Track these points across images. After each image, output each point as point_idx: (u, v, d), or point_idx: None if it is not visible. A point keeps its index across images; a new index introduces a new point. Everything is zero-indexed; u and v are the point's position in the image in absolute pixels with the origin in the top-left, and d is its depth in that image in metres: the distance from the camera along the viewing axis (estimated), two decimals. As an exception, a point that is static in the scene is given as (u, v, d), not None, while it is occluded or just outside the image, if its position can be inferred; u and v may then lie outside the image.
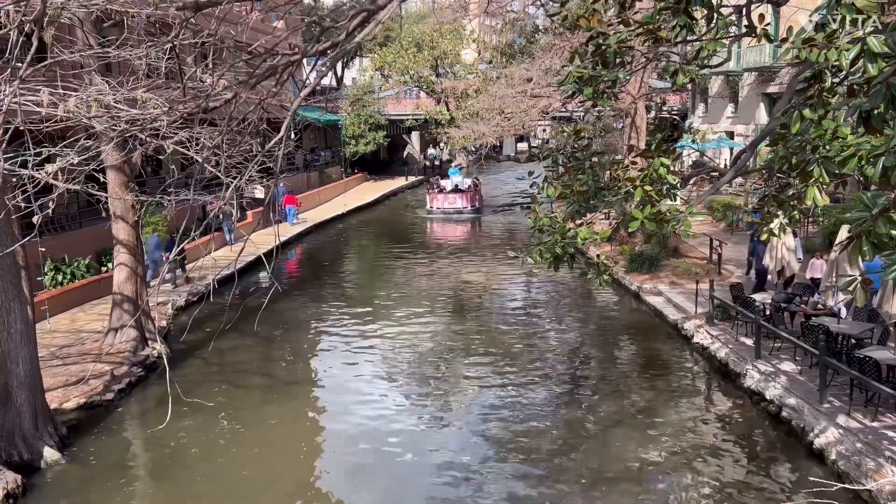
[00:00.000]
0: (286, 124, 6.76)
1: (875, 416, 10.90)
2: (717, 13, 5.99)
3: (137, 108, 8.18)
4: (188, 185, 9.68)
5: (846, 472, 9.88)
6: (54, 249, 19.53)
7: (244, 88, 7.42)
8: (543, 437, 12.10)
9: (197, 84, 8.99)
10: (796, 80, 6.43)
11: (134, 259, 16.03)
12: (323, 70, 7.75)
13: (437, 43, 48.71)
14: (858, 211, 4.32)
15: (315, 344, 17.73)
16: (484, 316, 20.09)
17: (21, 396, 11.44)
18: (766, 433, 11.99)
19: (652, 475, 10.75)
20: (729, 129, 36.78)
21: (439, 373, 15.31)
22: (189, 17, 7.46)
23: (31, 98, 8.00)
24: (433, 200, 39.31)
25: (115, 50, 10.39)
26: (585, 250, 23.11)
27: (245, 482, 10.99)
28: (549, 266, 7.32)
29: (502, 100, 31.76)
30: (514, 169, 54.85)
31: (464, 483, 10.71)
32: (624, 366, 15.83)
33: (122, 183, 15.30)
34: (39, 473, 11.06)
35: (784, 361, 13.57)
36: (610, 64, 6.39)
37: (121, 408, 13.55)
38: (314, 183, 42.97)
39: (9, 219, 10.91)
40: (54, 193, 7.66)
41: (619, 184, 7.23)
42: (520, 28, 39.59)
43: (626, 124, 25.65)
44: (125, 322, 15.67)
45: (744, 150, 7.46)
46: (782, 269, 16.27)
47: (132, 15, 12.86)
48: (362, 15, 6.89)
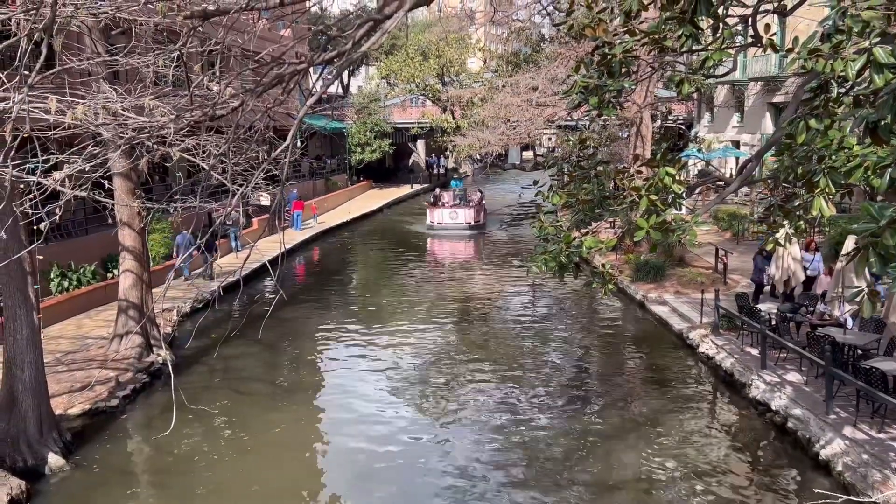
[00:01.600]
0: (292, 132, 6.78)
1: (881, 428, 10.84)
2: (722, 23, 6.01)
3: (145, 116, 8.21)
4: (194, 192, 9.71)
5: (852, 484, 9.82)
6: (61, 255, 19.60)
7: (251, 96, 7.45)
8: (547, 446, 12.06)
9: (204, 92, 9.02)
10: (802, 91, 6.44)
11: (140, 266, 16.06)
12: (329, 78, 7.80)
13: (443, 51, 48.88)
14: (865, 222, 4.31)
15: (319, 351, 17.73)
16: (489, 324, 20.06)
17: (26, 402, 11.46)
18: (772, 444, 11.93)
19: (656, 485, 10.70)
20: (735, 139, 36.76)
21: (443, 381, 15.28)
22: (197, 25, 7.51)
23: (40, 105, 8.04)
24: (433, 214, 36.22)
25: (123, 58, 10.44)
26: (590, 259, 23.10)
27: (249, 490, 10.97)
28: (553, 275, 7.33)
29: (507, 108, 31.76)
30: (518, 178, 54.82)
31: (467, 491, 10.67)
32: (628, 375, 15.78)
33: (128, 190, 15.36)
34: (44, 480, 11.06)
35: (790, 372, 13.51)
36: (615, 73, 6.41)
37: (125, 414, 13.56)
38: (320, 190, 43.06)
39: (16, 225, 10.95)
40: (61, 200, 7.69)
41: (624, 193, 7.23)
42: (525, 37, 39.56)
43: (632, 133, 25.64)
44: (130, 328, 15.69)
45: (749, 160, 7.47)
46: (788, 279, 16.22)
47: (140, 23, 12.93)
48: (369, 24, 6.92)
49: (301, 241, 31.55)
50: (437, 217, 35.83)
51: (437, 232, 35.31)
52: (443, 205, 36.69)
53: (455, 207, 36.17)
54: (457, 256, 31.37)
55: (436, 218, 35.86)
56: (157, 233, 23.02)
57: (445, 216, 35.69)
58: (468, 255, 31.85)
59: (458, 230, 35.24)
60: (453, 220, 35.53)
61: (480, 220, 36.14)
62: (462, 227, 35.36)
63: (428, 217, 36.31)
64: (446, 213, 35.69)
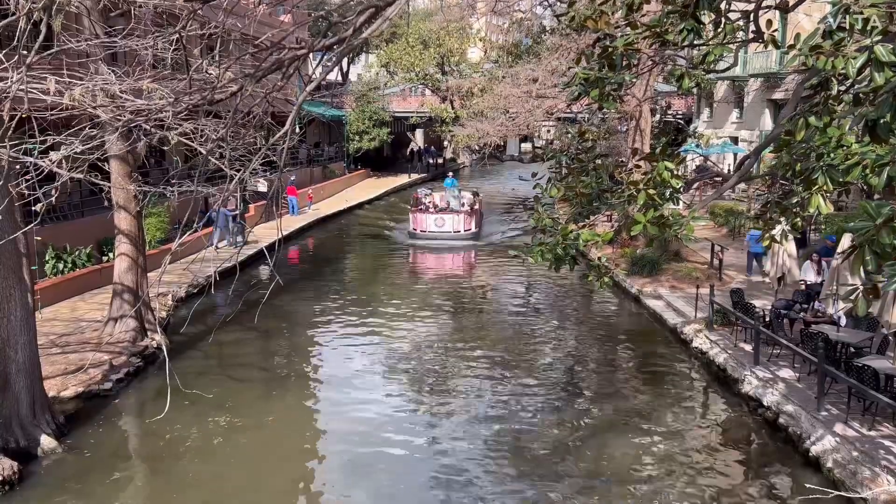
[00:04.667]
0: (291, 118, 6.77)
1: (872, 426, 10.90)
2: (724, 18, 5.99)
3: (143, 99, 8.19)
4: (191, 176, 9.69)
5: (842, 481, 9.88)
6: (56, 237, 19.55)
7: (250, 81, 7.43)
8: (540, 439, 12.11)
9: (203, 76, 8.98)
10: (802, 87, 6.44)
11: (135, 249, 16.02)
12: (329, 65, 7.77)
13: (444, 41, 48.71)
14: (862, 220, 4.32)
15: (315, 339, 17.74)
16: (484, 316, 20.09)
17: (19, 383, 11.45)
18: (763, 439, 11.99)
19: (647, 479, 10.75)
20: (733, 135, 36.77)
21: (437, 372, 15.31)
22: (196, 8, 7.47)
23: (37, 86, 8.01)
24: (418, 221, 30.17)
25: (122, 40, 10.39)
26: (587, 252, 23.13)
27: (241, 475, 11.00)
28: (549, 267, 7.33)
29: (507, 99, 31.73)
30: (514, 170, 54.73)
31: (459, 481, 10.71)
32: (622, 369, 15.83)
33: (125, 173, 15.31)
34: (36, 461, 11.07)
35: (783, 368, 13.57)
36: (616, 66, 6.39)
37: (119, 398, 13.56)
38: (317, 178, 42.99)
39: (12, 206, 10.92)
40: (58, 182, 7.66)
41: (622, 186, 7.23)
42: (526, 28, 39.41)
43: (631, 127, 25.64)
44: (125, 312, 15.67)
45: (748, 156, 7.47)
46: (782, 275, 16.26)
47: (139, 5, 12.86)
48: (370, 11, 6.89)
49: (297, 229, 31.53)
50: (421, 224, 30.12)
51: (419, 242, 29.74)
52: (427, 209, 30.96)
53: (442, 213, 30.44)
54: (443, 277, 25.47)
55: (419, 225, 30.14)
56: (153, 216, 22.98)
57: (431, 223, 29.96)
58: (457, 272, 26.79)
59: (446, 240, 29.56)
60: (441, 228, 29.86)
61: (474, 227, 30.34)
62: (451, 237, 29.74)
63: (410, 223, 30.54)
64: (431, 220, 30.01)
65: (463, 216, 30.05)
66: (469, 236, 29.89)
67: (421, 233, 29.89)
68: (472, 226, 30.11)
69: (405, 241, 30.12)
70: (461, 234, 29.82)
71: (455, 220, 29.90)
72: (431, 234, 29.66)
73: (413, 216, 30.48)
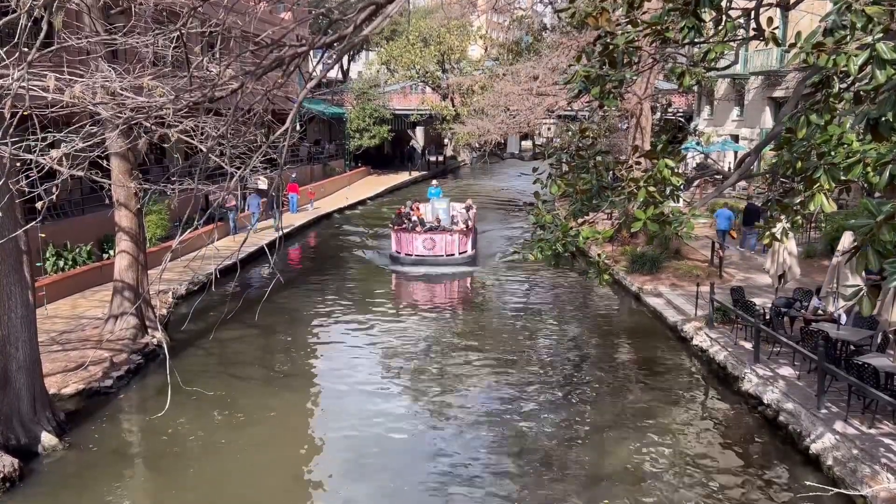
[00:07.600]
0: (292, 116, 6.77)
1: (872, 423, 10.90)
2: (725, 16, 5.99)
3: (143, 96, 8.18)
4: (192, 174, 9.68)
5: (842, 478, 9.89)
6: (56, 235, 19.56)
7: (250, 79, 7.42)
8: (540, 437, 12.12)
9: (203, 73, 8.98)
10: (803, 85, 6.43)
11: (136, 247, 16.03)
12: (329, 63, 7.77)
13: (444, 38, 48.70)
14: (863, 218, 4.32)
15: (315, 336, 17.75)
16: (483, 313, 20.10)
17: (20, 380, 11.46)
18: (763, 437, 11.99)
19: (647, 477, 10.76)
20: (734, 133, 36.75)
21: (437, 368, 15.32)
22: (197, 6, 7.46)
23: (38, 83, 8.00)
24: (402, 243, 24.94)
25: (122, 37, 10.38)
26: (587, 249, 23.13)
27: (242, 472, 11.02)
28: (549, 263, 7.34)
29: (507, 97, 31.69)
30: (513, 168, 54.70)
31: (460, 478, 10.73)
32: (622, 367, 15.83)
33: (125, 170, 15.30)
34: (37, 458, 11.08)
35: (783, 366, 13.57)
36: (617, 64, 6.39)
37: (119, 395, 13.57)
38: (317, 175, 42.97)
39: (12, 203, 10.92)
40: (58, 179, 7.66)
41: (622, 184, 7.23)
42: (527, 26, 39.38)
43: (632, 125, 25.62)
44: (126, 309, 15.68)
45: (748, 154, 7.47)
46: (783, 273, 16.25)
47: (140, 2, 12.86)
48: (370, 8, 6.89)
49: (298, 226, 31.53)
50: (406, 246, 24.95)
51: (404, 268, 24.62)
52: (414, 228, 25.57)
53: (432, 233, 25.19)
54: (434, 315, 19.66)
55: (404, 247, 24.97)
56: (153, 214, 22.98)
57: (418, 245, 24.85)
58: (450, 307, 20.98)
59: (437, 265, 24.46)
60: (429, 251, 24.78)
61: (468, 249, 25.13)
62: (443, 262, 24.67)
63: (392, 244, 25.39)
64: (419, 241, 24.86)
65: (457, 236, 24.96)
66: (464, 260, 24.88)
67: (406, 256, 24.77)
68: (467, 247, 25.10)
69: (386, 266, 25.15)
70: (455, 258, 24.79)
71: (447, 242, 24.84)
72: (419, 259, 24.66)
73: (396, 236, 25.16)
